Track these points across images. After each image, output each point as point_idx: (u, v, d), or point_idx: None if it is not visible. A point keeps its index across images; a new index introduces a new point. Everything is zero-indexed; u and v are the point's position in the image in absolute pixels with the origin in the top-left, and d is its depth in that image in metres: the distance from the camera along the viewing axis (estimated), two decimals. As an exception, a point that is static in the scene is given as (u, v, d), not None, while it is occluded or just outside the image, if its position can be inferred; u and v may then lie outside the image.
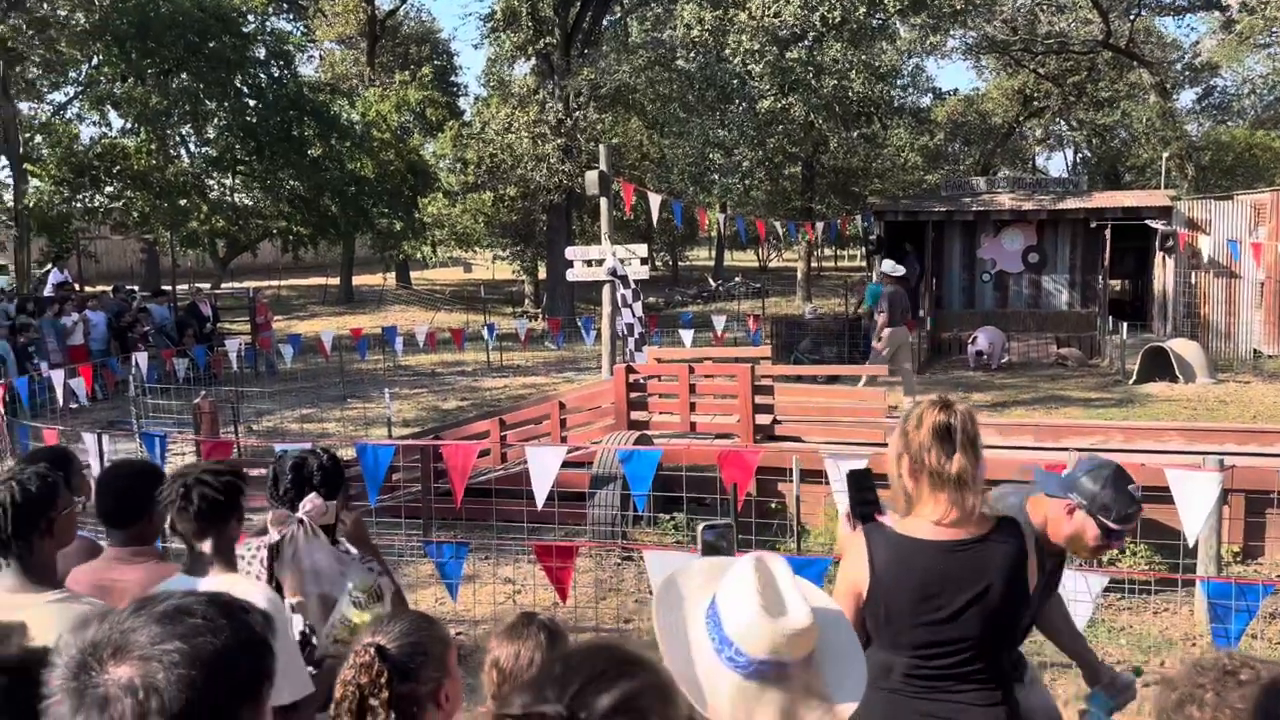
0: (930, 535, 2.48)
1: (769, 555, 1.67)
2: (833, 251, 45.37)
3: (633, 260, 11.74)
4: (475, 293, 30.43)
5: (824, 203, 28.75)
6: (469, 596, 6.62)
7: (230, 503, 2.51)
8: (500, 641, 2.23)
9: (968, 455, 2.43)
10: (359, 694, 1.65)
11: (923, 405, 2.54)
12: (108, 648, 1.09)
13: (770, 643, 1.53)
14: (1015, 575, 2.48)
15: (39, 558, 2.46)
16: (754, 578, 1.56)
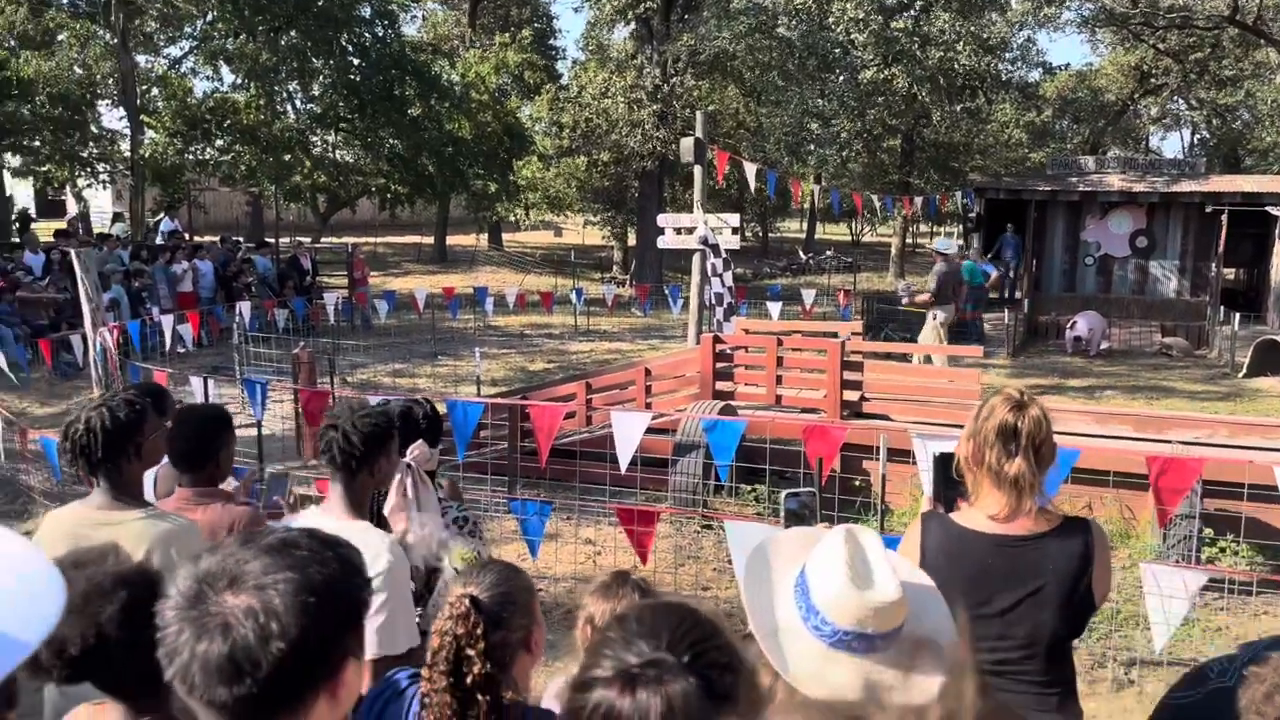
0: (984, 528, 2.41)
1: (860, 528, 1.66)
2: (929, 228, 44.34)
3: (724, 229, 11.66)
4: (565, 257, 30.65)
5: (923, 178, 28.05)
6: (550, 555, 6.74)
7: (367, 454, 2.55)
8: (595, 599, 2.28)
9: (1029, 460, 2.34)
10: (455, 644, 1.69)
11: (998, 397, 2.45)
12: (222, 578, 1.14)
13: (856, 614, 1.53)
14: (1072, 576, 2.37)
15: (126, 478, 2.61)
16: (844, 549, 1.56)
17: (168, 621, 1.14)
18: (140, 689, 1.74)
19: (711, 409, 7.81)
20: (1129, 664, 5.31)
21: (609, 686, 1.11)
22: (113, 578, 1.75)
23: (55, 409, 11.10)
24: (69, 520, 2.56)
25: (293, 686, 1.15)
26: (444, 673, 1.67)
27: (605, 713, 1.10)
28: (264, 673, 1.10)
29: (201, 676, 1.10)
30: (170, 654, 1.12)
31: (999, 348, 15.68)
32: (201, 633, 1.10)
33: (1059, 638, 2.47)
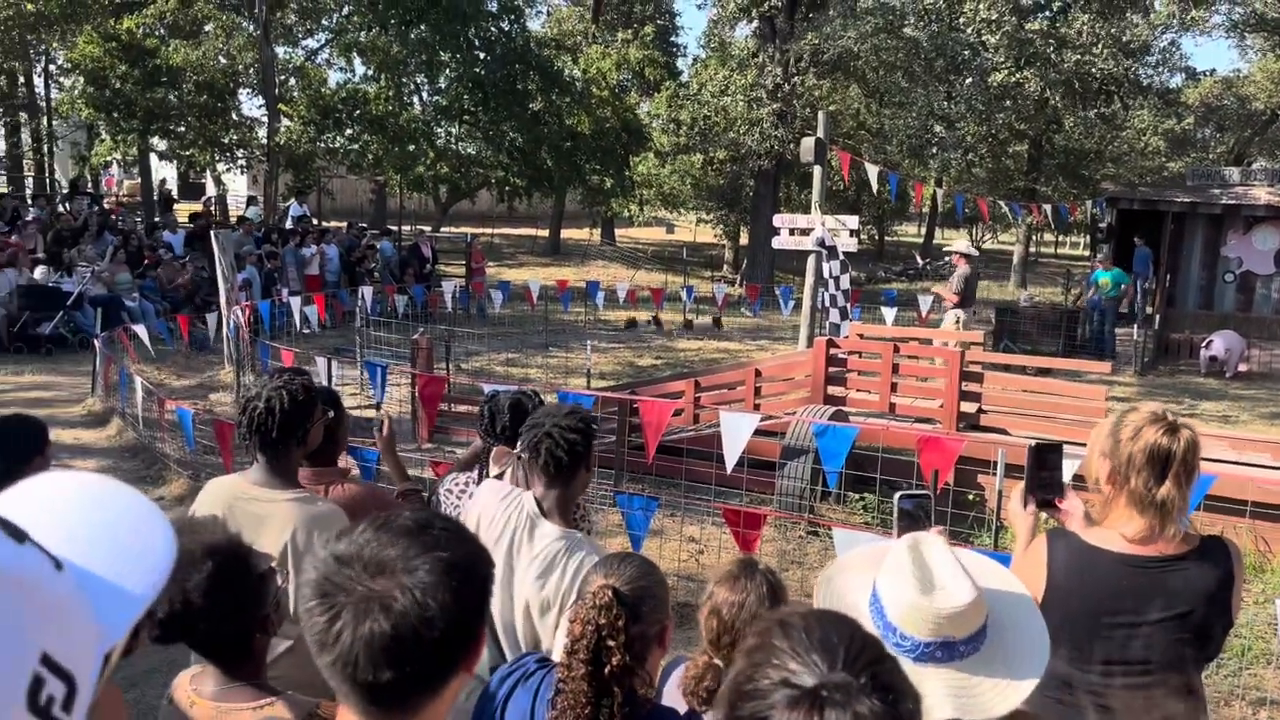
0: (1119, 548, 2.32)
1: (925, 535, 1.63)
2: (1054, 237, 42.82)
3: (842, 231, 11.48)
4: (676, 253, 30.69)
5: (1049, 185, 27.09)
6: (654, 550, 6.75)
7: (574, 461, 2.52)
8: (723, 588, 2.24)
9: (1179, 486, 2.23)
10: (597, 634, 1.70)
11: (1143, 416, 2.32)
12: (367, 562, 1.16)
13: (932, 623, 1.50)
14: (1212, 599, 2.28)
15: (286, 459, 2.70)
16: (908, 559, 1.54)
17: (313, 610, 1.14)
18: (231, 654, 1.84)
19: (823, 413, 7.71)
20: (1258, 704, 5.02)
21: (791, 709, 1.02)
22: (204, 547, 1.82)
23: (190, 381, 11.69)
24: (227, 490, 2.68)
25: (444, 664, 1.17)
26: (583, 660, 1.69)
27: None
28: (427, 650, 1.13)
29: (366, 658, 1.10)
30: (326, 641, 1.13)
31: (1126, 365, 15.02)
32: (363, 616, 1.11)
33: (1195, 660, 2.37)
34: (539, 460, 2.49)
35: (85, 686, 0.66)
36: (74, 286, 13.39)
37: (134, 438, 8.98)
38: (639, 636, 1.73)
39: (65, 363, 12.18)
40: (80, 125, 26.90)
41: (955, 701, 1.46)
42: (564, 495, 2.54)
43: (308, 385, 2.69)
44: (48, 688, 0.62)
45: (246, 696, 1.83)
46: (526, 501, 2.56)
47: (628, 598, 1.75)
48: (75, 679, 0.65)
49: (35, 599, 0.63)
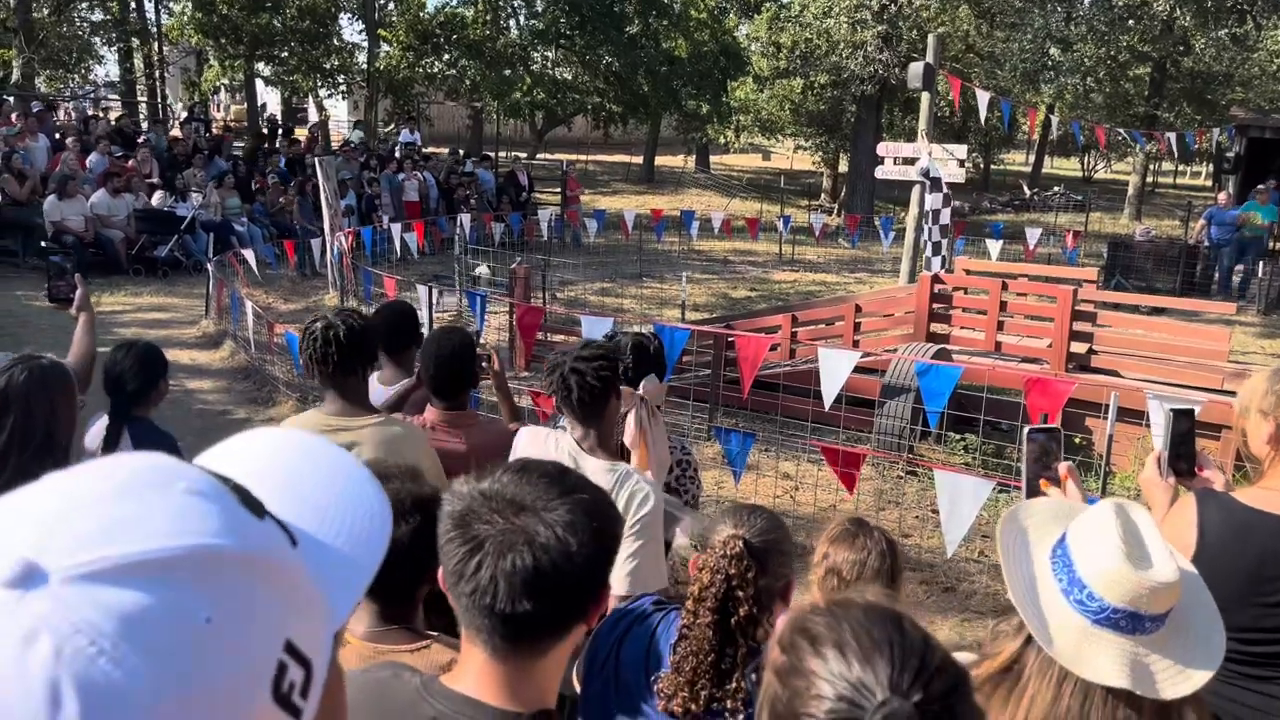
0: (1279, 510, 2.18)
1: (1131, 504, 1.58)
2: (1173, 167, 40.63)
3: (949, 161, 11.07)
4: (772, 182, 30.12)
5: (1173, 111, 25.57)
6: (748, 486, 6.75)
7: (605, 389, 2.53)
8: (838, 548, 2.24)
9: None
10: (727, 583, 1.70)
11: None
12: (507, 500, 1.18)
13: (1132, 592, 1.46)
14: None
15: (355, 389, 2.79)
16: (1116, 523, 1.50)
17: (453, 540, 1.17)
18: (399, 598, 1.85)
19: (925, 352, 7.52)
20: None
21: None
22: (412, 499, 1.84)
23: (297, 305, 12.05)
24: (310, 425, 2.75)
25: (577, 604, 1.20)
26: (711, 609, 1.69)
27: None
28: (564, 588, 1.15)
29: (506, 589, 1.13)
30: (465, 572, 1.15)
31: (1250, 304, 14.25)
32: (506, 549, 1.14)
33: None
34: (571, 398, 2.51)
35: (320, 669, 0.63)
36: (188, 211, 13.85)
37: (245, 360, 9.32)
38: (765, 590, 1.73)
39: (180, 285, 12.67)
40: (190, 51, 27.55)
41: (1131, 674, 1.44)
42: (601, 430, 2.57)
43: (359, 315, 2.79)
44: (290, 675, 0.60)
45: (403, 639, 1.82)
46: (565, 442, 2.59)
47: (758, 549, 1.74)
48: (313, 663, 0.62)
49: (278, 581, 0.61)
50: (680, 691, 1.69)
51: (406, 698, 1.27)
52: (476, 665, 1.22)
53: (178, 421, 6.83)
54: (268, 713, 0.58)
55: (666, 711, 1.70)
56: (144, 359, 3.23)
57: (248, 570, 0.59)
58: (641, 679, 1.77)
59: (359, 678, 1.39)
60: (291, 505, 0.70)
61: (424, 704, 1.24)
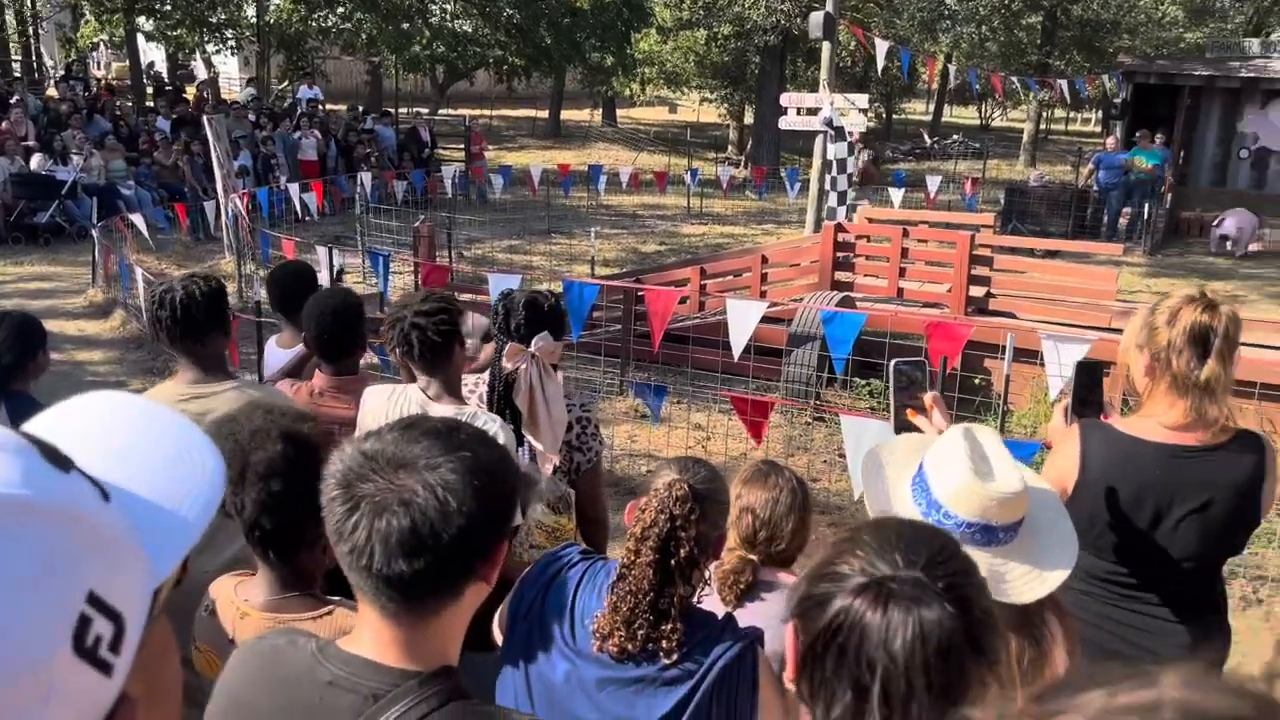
0: (1157, 438, 2.29)
1: (978, 426, 1.68)
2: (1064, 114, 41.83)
3: (850, 110, 11.19)
4: (679, 134, 30.07)
5: (1064, 59, 26.27)
6: (660, 438, 6.81)
7: (448, 342, 2.56)
8: (751, 489, 2.30)
9: (1223, 363, 2.19)
10: (671, 523, 1.71)
11: (1178, 299, 2.27)
12: (390, 459, 1.16)
13: (980, 505, 1.55)
14: (1245, 492, 2.26)
15: (210, 354, 2.67)
16: (964, 443, 1.58)
17: (335, 500, 1.16)
18: (286, 549, 1.77)
19: (830, 300, 7.65)
20: (1258, 580, 5.13)
21: (858, 595, 1.05)
22: (282, 431, 1.80)
23: (192, 271, 11.60)
24: (166, 396, 2.64)
25: (462, 564, 1.18)
26: (653, 548, 1.70)
27: (848, 622, 1.04)
28: (443, 547, 1.13)
29: (381, 551, 1.12)
30: (342, 532, 1.14)
31: (1137, 245, 14.86)
32: (381, 509, 1.13)
33: (1220, 554, 2.38)
34: (414, 352, 2.53)
35: (134, 625, 0.63)
36: (69, 175, 13.17)
37: (138, 329, 8.97)
38: (703, 536, 1.75)
39: (64, 253, 12.08)
40: (64, 5, 26.02)
41: (990, 584, 1.50)
42: (447, 378, 2.60)
43: (203, 280, 2.68)
44: (94, 628, 0.60)
45: (304, 606, 1.75)
46: (412, 393, 2.60)
47: (701, 494, 1.76)
48: (124, 618, 0.62)
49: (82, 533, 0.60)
50: (617, 630, 1.70)
51: (302, 664, 1.25)
52: (372, 626, 1.21)
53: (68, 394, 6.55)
54: (69, 665, 0.58)
55: (601, 651, 1.71)
56: (19, 330, 3.07)
57: (44, 519, 0.58)
58: (567, 625, 1.77)
59: (253, 647, 1.36)
60: (114, 463, 0.69)
61: (320, 668, 1.22)
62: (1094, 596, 2.41)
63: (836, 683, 1.05)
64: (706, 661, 1.69)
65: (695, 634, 1.72)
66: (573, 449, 2.78)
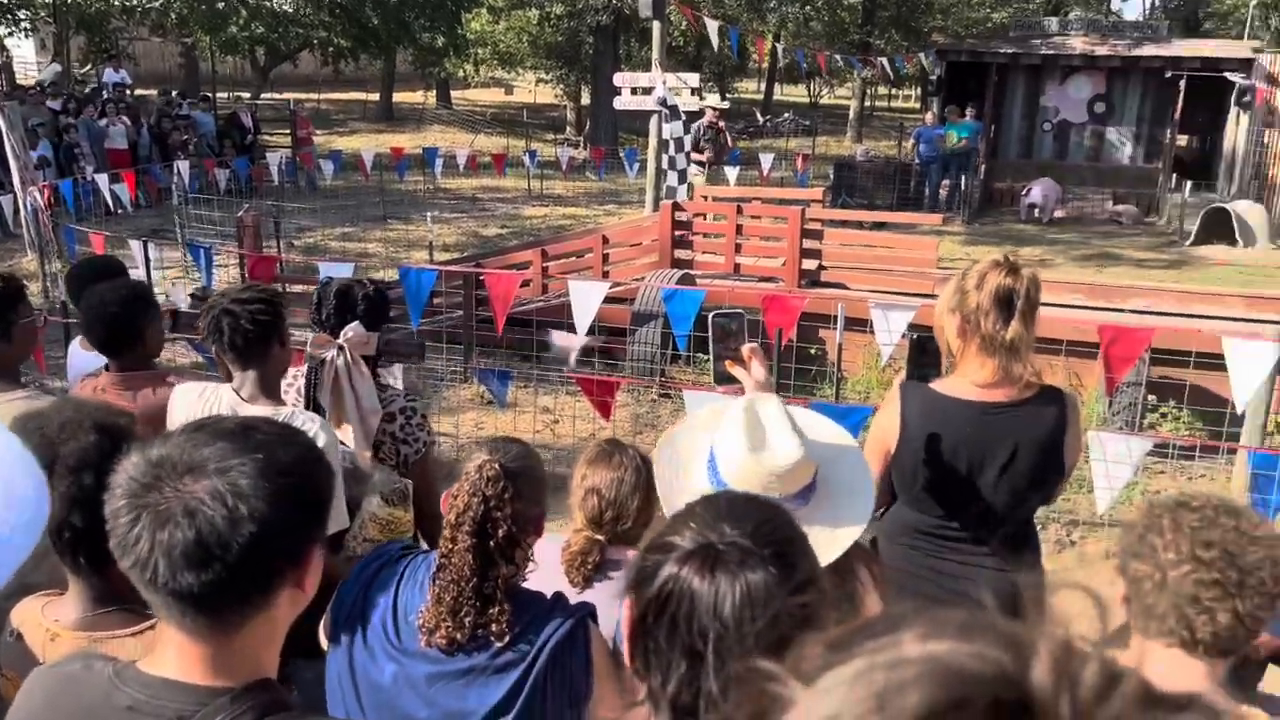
0: (969, 396, 2.43)
1: (762, 396, 1.72)
2: (887, 91, 43.68)
3: (683, 90, 11.33)
4: (516, 116, 29.77)
5: (883, 37, 27.40)
6: (507, 423, 6.74)
7: (264, 333, 2.43)
8: (596, 469, 2.28)
9: (1025, 323, 2.34)
10: (484, 505, 1.67)
11: (986, 264, 2.41)
12: (179, 464, 1.09)
13: (761, 480, 1.57)
14: (1049, 444, 2.42)
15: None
16: (742, 418, 1.61)
17: (119, 511, 1.08)
18: (96, 559, 1.59)
19: (670, 278, 7.74)
20: (1071, 524, 5.52)
21: (687, 562, 1.07)
22: (94, 422, 1.66)
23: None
24: None
25: (261, 572, 1.11)
26: (470, 532, 1.66)
27: (677, 589, 1.06)
28: (234, 557, 1.06)
29: (165, 564, 1.05)
30: (126, 544, 1.07)
31: (956, 214, 15.68)
32: (164, 520, 1.06)
33: (1032, 502, 2.52)
34: (224, 340, 2.42)
35: None
36: None
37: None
38: (521, 514, 1.72)
39: None
40: None
41: None
42: (262, 376, 2.47)
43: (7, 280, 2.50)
44: None
45: (123, 621, 1.60)
46: (224, 393, 2.49)
47: (513, 472, 1.73)
48: None
49: None
50: (443, 622, 1.66)
51: (99, 689, 1.16)
52: (175, 644, 1.13)
53: None
54: None
55: (430, 645, 1.66)
56: None
57: None
58: (390, 624, 1.71)
59: (44, 674, 1.25)
60: None
61: (118, 693, 1.13)
62: (920, 550, 2.54)
63: (670, 652, 1.06)
64: (538, 642, 1.67)
65: (524, 615, 1.70)
66: (398, 441, 2.70)
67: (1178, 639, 1.51)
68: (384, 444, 2.65)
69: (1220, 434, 6.08)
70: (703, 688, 1.03)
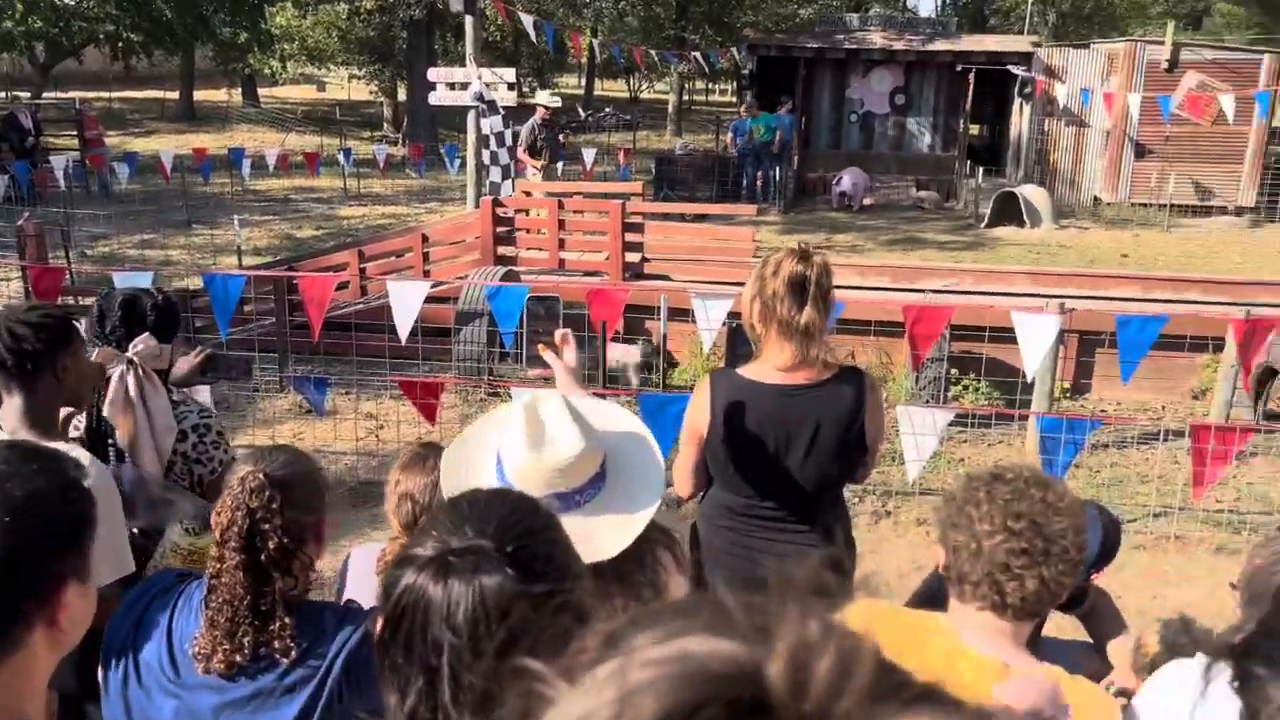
0: (771, 379, 2.51)
1: (543, 393, 1.69)
2: (704, 86, 44.68)
3: (499, 85, 11.21)
4: (329, 114, 28.71)
5: (698, 33, 28.00)
6: (329, 431, 6.50)
7: (39, 356, 2.19)
8: (409, 474, 2.22)
9: (818, 308, 2.43)
10: (250, 518, 1.57)
11: (782, 253, 2.51)
12: None
13: (543, 478, 1.57)
14: (848, 422, 2.52)
15: None
16: (522, 416, 1.59)
17: None
18: None
19: (493, 275, 7.65)
20: (886, 495, 5.80)
21: (423, 570, 1.05)
22: None
23: None
24: None
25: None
26: (237, 548, 1.56)
27: (415, 599, 1.04)
28: None
29: None
30: None
31: (772, 204, 16.21)
32: None
33: (838, 478, 2.61)
34: None
35: None
36: None
37: None
38: (294, 523, 1.63)
39: None
40: None
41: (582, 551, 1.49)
42: (31, 405, 2.21)
43: None
44: None
45: None
46: None
47: (280, 480, 1.64)
48: None
49: None
50: (220, 646, 1.56)
51: None
52: None
53: None
54: None
55: (208, 673, 1.56)
56: None
57: None
58: (166, 657, 1.60)
59: None
60: None
61: None
62: (736, 530, 2.61)
63: (408, 667, 1.04)
64: (329, 655, 1.60)
65: (310, 628, 1.62)
66: (191, 461, 2.53)
67: (989, 603, 1.60)
68: (175, 464, 2.49)
69: (1014, 402, 6.54)
70: (439, 702, 1.00)
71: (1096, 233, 15.05)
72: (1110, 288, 9.18)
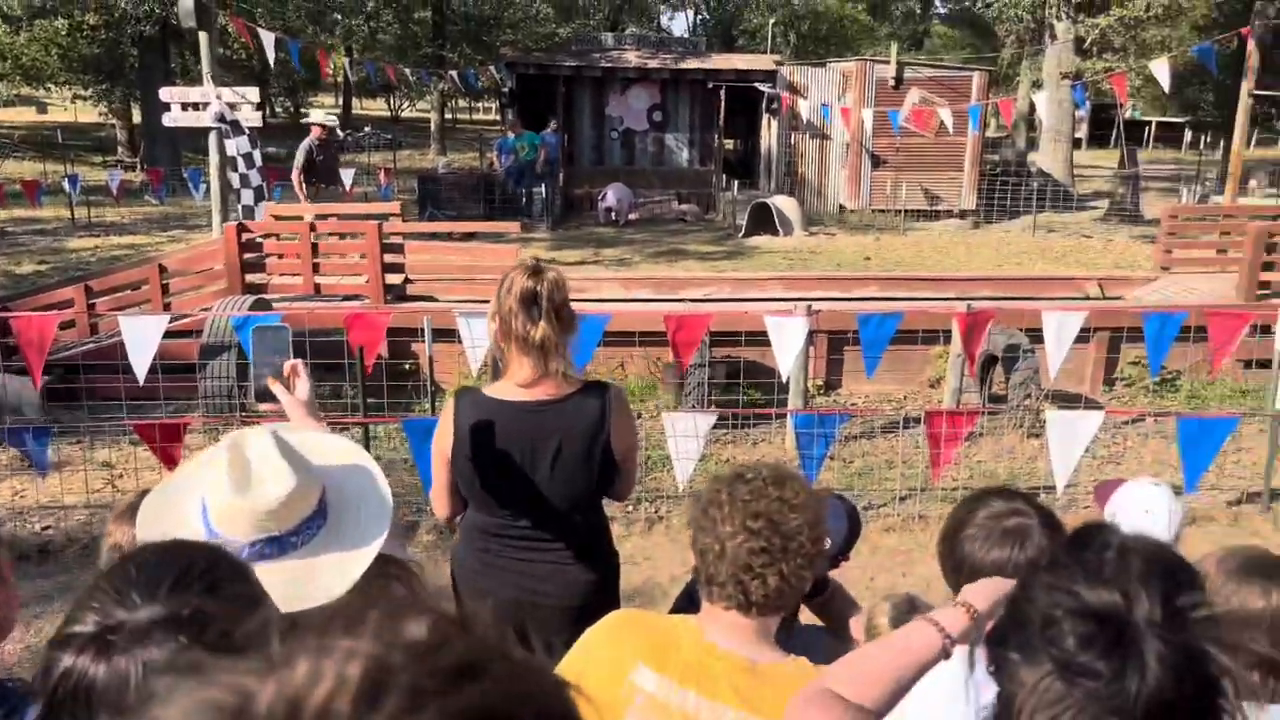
0: (513, 397, 2.49)
1: (250, 431, 1.57)
2: (468, 104, 44.39)
3: (243, 105, 10.60)
4: (52, 137, 26.25)
5: (455, 51, 27.77)
6: (57, 485, 5.89)
7: None
8: (121, 523, 1.99)
9: (551, 322, 2.42)
10: None
11: (516, 270, 2.49)
12: None
13: (251, 521, 1.47)
14: (593, 434, 2.51)
15: None
16: (225, 458, 1.48)
17: None
18: None
19: (241, 304, 7.20)
20: (659, 501, 5.91)
21: (83, 651, 0.94)
22: None
23: None
24: None
25: None
26: None
27: (75, 683, 0.92)
28: None
29: None
30: None
31: (540, 221, 16.26)
32: None
33: (592, 492, 2.60)
34: None
35: None
36: None
37: None
38: None
39: None
40: None
41: (289, 594, 1.38)
42: None
43: None
44: None
45: None
46: None
47: None
48: None
49: None
50: None
51: None
52: None
53: None
54: None
55: None
56: None
57: None
58: None
59: None
60: None
61: None
62: (490, 551, 2.55)
63: None
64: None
65: None
66: None
67: (735, 603, 1.63)
68: None
69: (773, 401, 6.85)
70: None
71: (843, 238, 16.11)
72: (855, 289, 9.84)
